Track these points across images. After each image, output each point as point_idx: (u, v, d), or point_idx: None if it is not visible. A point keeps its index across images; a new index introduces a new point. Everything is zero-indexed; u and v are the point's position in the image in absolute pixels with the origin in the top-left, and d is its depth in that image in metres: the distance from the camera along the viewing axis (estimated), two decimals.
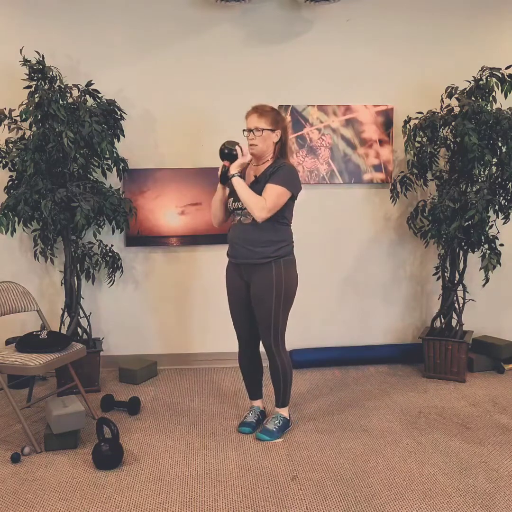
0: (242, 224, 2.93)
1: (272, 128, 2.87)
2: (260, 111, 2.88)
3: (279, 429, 3.06)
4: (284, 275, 2.90)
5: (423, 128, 3.78)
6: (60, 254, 3.96)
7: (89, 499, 2.49)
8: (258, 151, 2.89)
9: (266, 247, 2.87)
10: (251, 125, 2.89)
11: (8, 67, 3.85)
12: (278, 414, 3.13)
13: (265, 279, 2.89)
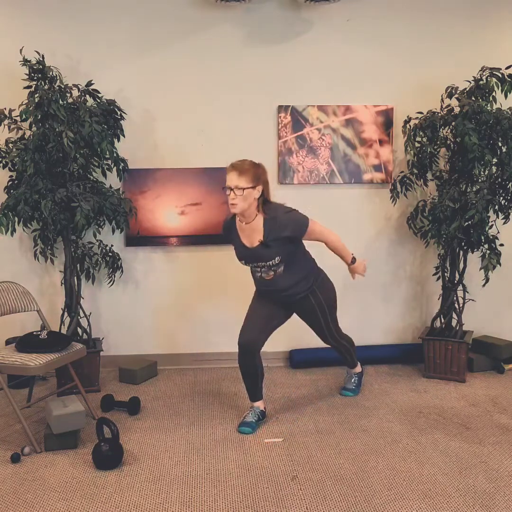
0: (266, 279, 3.06)
1: (253, 186, 2.85)
2: (240, 169, 2.83)
3: (357, 384, 3.63)
4: (322, 297, 3.16)
5: (423, 128, 3.78)
6: (60, 254, 3.96)
7: (89, 499, 2.49)
8: (240, 210, 2.88)
9: (297, 286, 3.06)
10: (231, 183, 2.84)
11: (8, 67, 3.85)
12: (352, 373, 3.63)
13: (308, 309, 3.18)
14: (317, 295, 3.14)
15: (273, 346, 4.11)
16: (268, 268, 3.00)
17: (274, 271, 3.00)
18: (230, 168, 2.87)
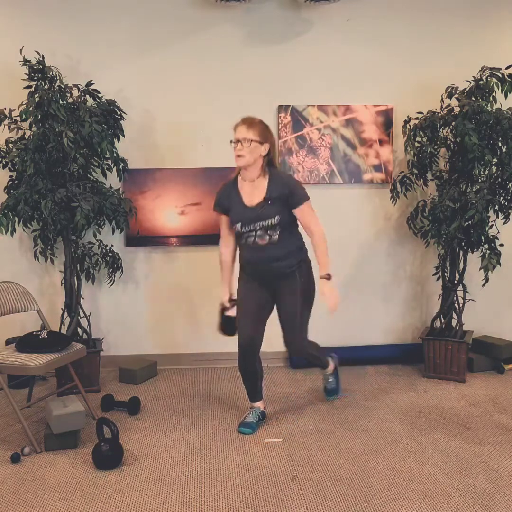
0: (258, 245, 2.97)
1: (260, 141, 2.87)
2: (249, 122, 2.89)
3: (337, 383, 3.50)
4: (307, 277, 3.06)
5: (423, 128, 3.78)
6: (60, 254, 3.96)
7: (89, 499, 2.49)
8: (245, 163, 2.88)
9: (289, 259, 2.99)
10: (239, 136, 2.88)
11: (8, 67, 3.85)
12: (327, 373, 3.47)
13: (291, 286, 3.03)
14: (303, 274, 3.03)
15: (273, 346, 4.11)
16: (265, 230, 2.92)
17: (269, 235, 2.93)
18: (240, 123, 2.92)
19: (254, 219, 2.93)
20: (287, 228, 2.96)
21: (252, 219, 2.93)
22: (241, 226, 2.96)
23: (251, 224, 2.94)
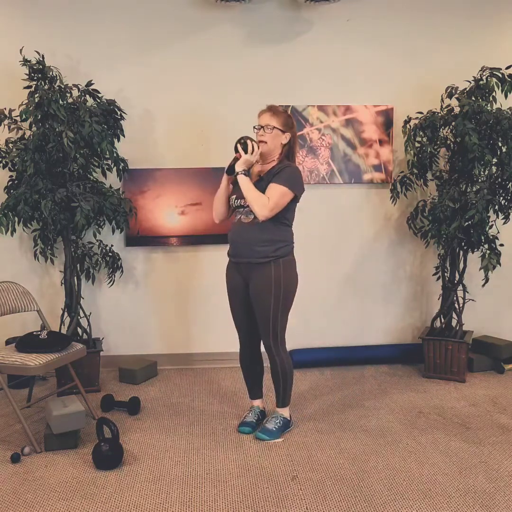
0: (242, 224, 2.94)
1: (282, 129, 2.92)
2: (274, 110, 2.94)
3: (278, 429, 3.06)
4: (283, 275, 2.90)
5: (423, 128, 3.78)
6: (60, 254, 3.96)
7: (89, 499, 2.49)
8: (266, 149, 2.92)
9: (266, 246, 2.88)
10: (262, 122, 2.94)
11: (8, 67, 3.85)
12: (278, 414, 3.12)
13: (264, 278, 2.89)
14: (279, 269, 2.88)
15: None
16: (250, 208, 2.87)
17: (254, 215, 2.87)
18: (264, 110, 2.96)
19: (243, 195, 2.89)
20: (275, 217, 2.86)
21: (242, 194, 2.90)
22: (235, 199, 2.98)
23: (242, 199, 2.92)
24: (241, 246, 2.93)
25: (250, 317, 3.07)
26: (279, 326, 2.95)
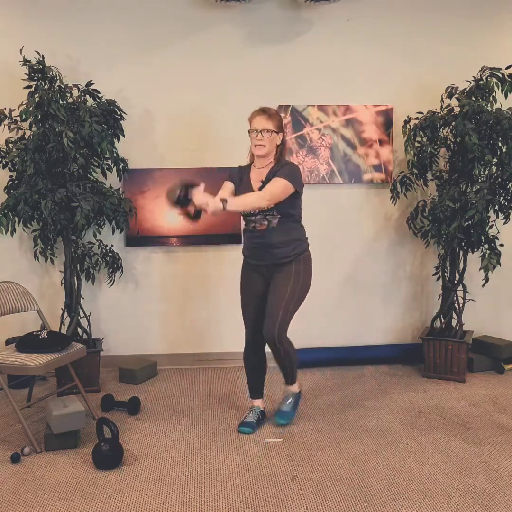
0: (257, 231, 3.00)
1: (277, 131, 2.94)
2: (269, 112, 2.94)
3: (293, 407, 3.22)
4: (303, 270, 3.02)
5: (423, 128, 3.78)
6: (60, 254, 3.96)
7: (89, 499, 2.49)
8: (265, 152, 2.94)
9: (284, 247, 2.97)
10: (259, 126, 2.91)
11: (8, 67, 3.85)
12: (289, 392, 3.24)
13: (285, 273, 3.00)
14: (299, 265, 3.00)
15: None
16: (263, 215, 2.93)
17: (268, 221, 2.94)
18: (258, 112, 2.95)
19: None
20: (286, 216, 2.95)
21: None
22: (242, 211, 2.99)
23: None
24: (260, 251, 3.02)
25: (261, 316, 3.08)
26: (288, 318, 3.01)
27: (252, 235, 3.04)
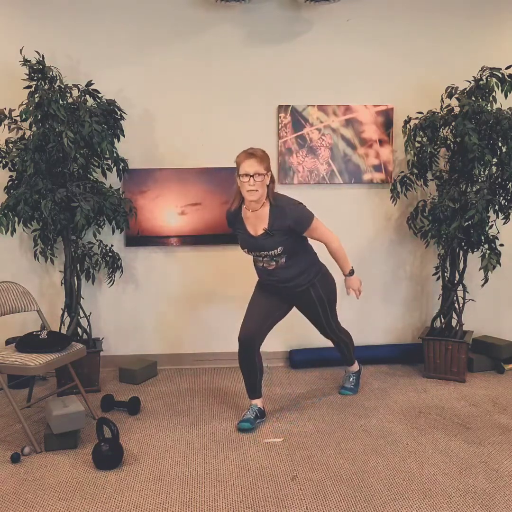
0: (267, 269, 3.06)
1: (267, 172, 2.90)
2: (259, 155, 2.86)
3: (356, 383, 3.64)
4: (323, 292, 3.15)
5: (423, 128, 3.78)
6: (60, 254, 3.96)
7: (89, 499, 2.49)
8: (259, 197, 2.89)
9: (298, 278, 3.05)
10: (251, 170, 2.83)
11: (8, 67, 3.85)
12: (350, 372, 3.64)
13: (306, 301, 3.17)
14: (317, 288, 3.14)
15: (273, 346, 4.12)
16: (270, 258, 3.00)
17: (276, 261, 3.00)
18: (248, 156, 2.86)
19: (258, 248, 3.00)
20: (293, 251, 3.00)
21: (257, 248, 3.00)
22: (248, 251, 3.07)
23: (257, 252, 3.02)
24: (275, 285, 3.10)
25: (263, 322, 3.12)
26: (333, 323, 3.32)
27: (262, 272, 3.12)
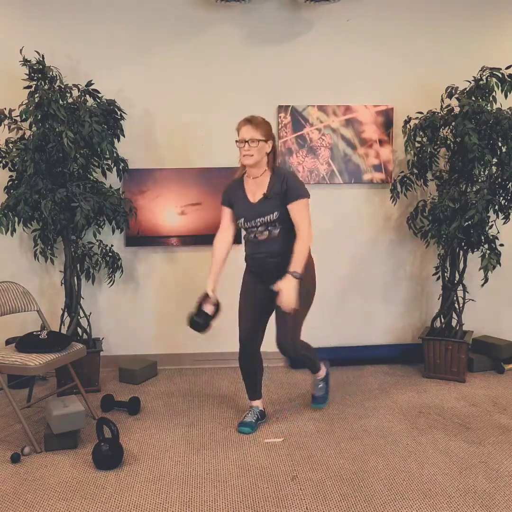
0: (259, 240, 3.00)
1: (265, 139, 2.91)
2: (255, 122, 2.90)
3: (325, 390, 3.39)
4: (305, 279, 2.99)
5: (423, 128, 3.78)
6: (60, 254, 3.96)
7: (89, 499, 2.49)
8: (254, 162, 2.90)
9: (285, 257, 2.95)
10: (246, 136, 2.88)
11: (8, 67, 3.85)
12: (317, 379, 3.38)
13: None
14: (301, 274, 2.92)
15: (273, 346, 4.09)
16: (265, 226, 2.95)
17: (269, 231, 2.95)
18: (245, 122, 2.92)
19: (255, 215, 2.97)
20: (288, 225, 2.95)
21: (253, 215, 2.97)
22: (244, 222, 3.01)
23: (253, 220, 2.98)
24: (262, 260, 3.02)
25: (259, 319, 3.10)
26: (299, 327, 3.09)
27: (253, 244, 3.05)
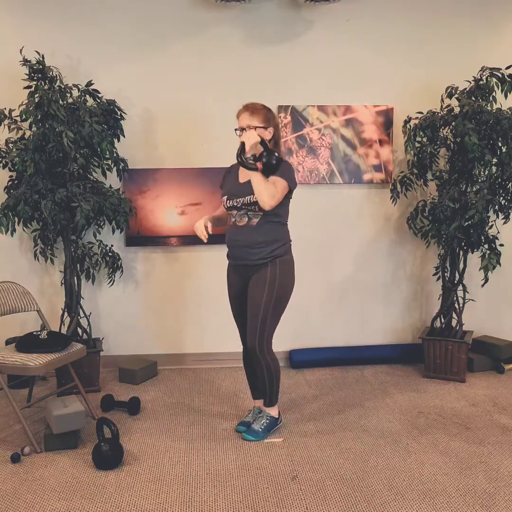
0: (237, 226, 2.92)
1: (264, 126, 2.86)
2: (252, 109, 2.85)
3: (265, 429, 3.05)
4: (279, 275, 2.87)
5: (423, 128, 3.78)
6: (60, 254, 3.96)
7: (89, 499, 2.49)
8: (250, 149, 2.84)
9: (262, 247, 2.86)
10: (243, 123, 2.85)
11: (8, 67, 3.85)
12: (265, 413, 3.10)
13: (259, 278, 2.88)
14: (275, 268, 2.86)
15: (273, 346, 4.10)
16: (245, 210, 2.86)
17: (249, 217, 2.87)
18: (242, 109, 2.87)
19: (237, 194, 2.90)
20: (269, 214, 2.85)
21: (236, 194, 2.90)
22: (226, 200, 2.95)
23: (234, 199, 2.90)
24: (238, 249, 2.93)
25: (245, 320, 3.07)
26: (267, 328, 2.89)
27: (231, 231, 2.96)
